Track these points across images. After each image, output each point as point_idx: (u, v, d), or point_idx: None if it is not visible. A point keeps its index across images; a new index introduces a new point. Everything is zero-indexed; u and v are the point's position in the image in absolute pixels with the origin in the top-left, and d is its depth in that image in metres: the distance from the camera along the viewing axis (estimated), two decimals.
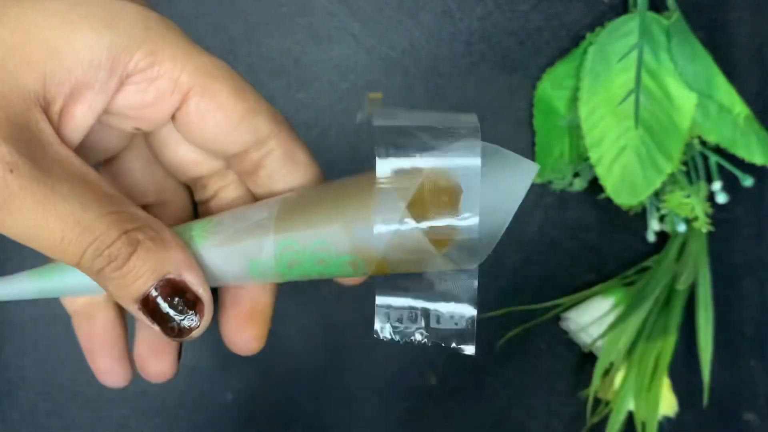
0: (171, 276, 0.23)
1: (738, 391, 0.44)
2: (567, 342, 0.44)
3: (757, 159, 0.40)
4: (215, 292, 0.27)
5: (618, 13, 0.43)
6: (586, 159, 0.41)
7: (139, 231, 0.23)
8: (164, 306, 0.23)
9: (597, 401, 0.43)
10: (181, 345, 0.29)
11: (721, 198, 0.42)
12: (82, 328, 0.29)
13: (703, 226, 0.40)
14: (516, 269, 0.44)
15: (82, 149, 0.26)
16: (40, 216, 0.22)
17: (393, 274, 0.25)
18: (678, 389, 0.43)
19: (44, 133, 0.23)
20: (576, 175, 0.43)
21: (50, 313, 0.42)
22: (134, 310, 0.24)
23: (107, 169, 0.29)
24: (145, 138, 0.28)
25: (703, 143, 0.41)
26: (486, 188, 0.24)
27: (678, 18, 0.40)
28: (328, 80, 0.43)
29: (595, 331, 0.42)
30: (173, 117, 0.26)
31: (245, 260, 0.25)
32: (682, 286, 0.41)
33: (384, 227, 0.23)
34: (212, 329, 0.32)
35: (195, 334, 0.24)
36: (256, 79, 0.42)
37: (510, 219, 0.24)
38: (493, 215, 0.24)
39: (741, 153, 0.40)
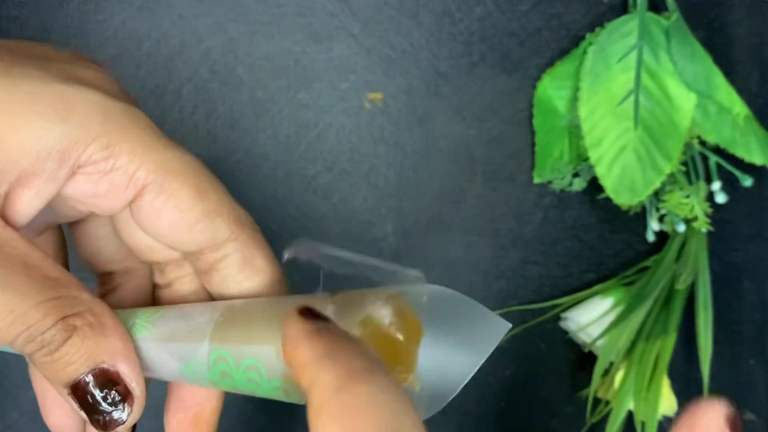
0: (105, 366, 0.23)
1: (737, 391, 0.44)
2: (566, 342, 0.44)
3: (757, 159, 0.40)
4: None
5: (617, 14, 0.43)
6: (586, 159, 0.41)
7: (78, 317, 0.23)
8: (94, 395, 0.23)
9: (597, 401, 0.43)
10: (134, 426, 0.27)
11: (721, 198, 0.42)
12: (35, 378, 0.28)
13: (703, 225, 0.40)
14: (515, 269, 0.44)
15: (38, 214, 0.25)
16: None
17: None
18: (678, 389, 0.43)
19: None
20: (576, 175, 0.43)
21: None
22: (63, 394, 0.23)
23: (73, 231, 0.28)
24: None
25: (703, 143, 0.41)
26: (448, 339, 0.22)
27: (677, 18, 0.40)
28: (328, 80, 0.43)
29: (595, 330, 0.42)
30: (130, 207, 0.25)
31: (180, 361, 0.24)
32: (681, 285, 0.41)
33: None
34: None
35: (122, 429, 0.24)
36: (256, 79, 0.43)
37: (468, 378, 0.22)
38: (450, 369, 0.22)
39: (740, 153, 0.40)
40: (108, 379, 0.23)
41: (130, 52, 0.42)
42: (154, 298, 0.29)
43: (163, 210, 0.25)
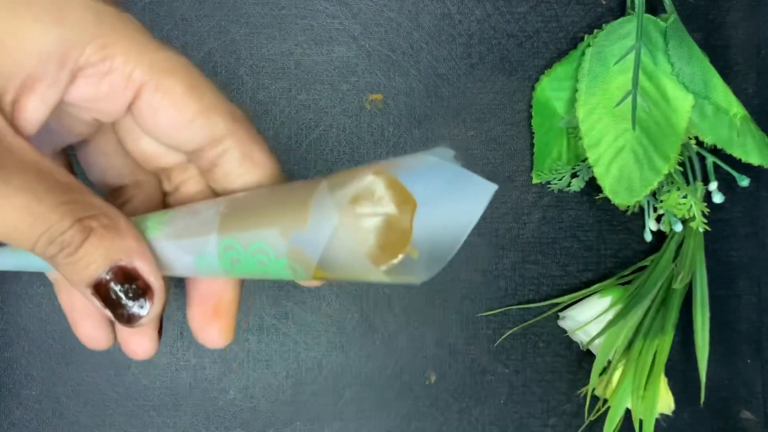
0: (123, 263, 0.24)
1: (734, 389, 0.44)
2: (565, 340, 0.44)
3: (753, 159, 0.40)
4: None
5: (615, 16, 0.43)
6: (584, 159, 0.41)
7: (93, 219, 0.24)
8: (116, 292, 0.24)
9: (595, 399, 0.43)
10: (161, 322, 0.30)
11: (718, 198, 0.42)
12: (62, 295, 0.29)
13: (700, 225, 0.40)
14: (514, 268, 0.44)
15: (45, 134, 0.26)
16: None
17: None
18: (675, 387, 0.43)
19: None
20: (574, 175, 0.43)
21: (55, 313, 0.42)
22: (87, 294, 0.24)
23: (80, 152, 0.29)
24: (111, 126, 0.28)
25: (700, 144, 0.41)
26: (440, 205, 0.23)
27: (675, 20, 0.40)
28: (329, 82, 0.43)
29: (593, 329, 0.42)
30: (130, 110, 0.26)
31: (192, 254, 0.25)
32: (678, 285, 0.41)
33: (316, 234, 0.22)
34: None
35: (145, 320, 0.25)
36: (257, 80, 0.43)
37: (463, 239, 0.23)
38: (444, 233, 0.23)
39: (737, 153, 0.40)
40: (127, 276, 0.24)
41: None
42: (164, 205, 0.30)
43: (160, 108, 0.25)
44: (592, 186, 0.43)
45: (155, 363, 0.42)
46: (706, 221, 0.41)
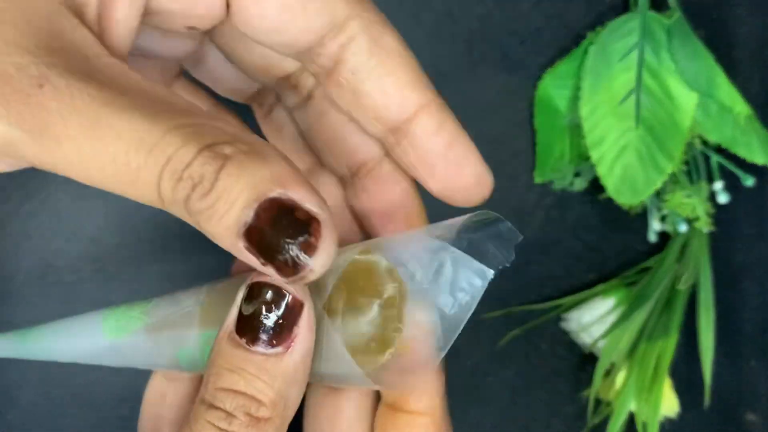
0: (275, 194, 0.17)
1: (739, 392, 0.44)
2: (568, 342, 0.44)
3: (758, 158, 0.40)
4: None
5: (619, 13, 0.43)
6: (587, 159, 0.41)
7: (227, 144, 0.17)
8: (272, 233, 0.17)
9: (598, 402, 0.43)
10: None
11: (723, 198, 0.42)
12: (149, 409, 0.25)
13: (705, 226, 0.40)
14: (516, 269, 0.44)
15: (141, 61, 0.22)
16: (92, 138, 0.17)
17: None
18: (679, 389, 0.43)
19: (85, 41, 0.19)
20: (577, 174, 0.43)
21: (51, 315, 0.42)
22: (239, 248, 0.18)
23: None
24: (214, 41, 0.24)
25: (704, 143, 0.41)
26: (430, 295, 0.20)
27: (679, 17, 0.40)
28: None
29: (596, 331, 0.42)
30: (228, 10, 0.21)
31: (174, 348, 0.24)
32: (683, 286, 0.40)
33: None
34: None
35: (318, 264, 0.18)
36: None
37: (453, 338, 0.21)
38: (441, 326, 0.21)
39: (742, 152, 0.40)
40: (284, 209, 0.17)
41: None
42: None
43: None
44: (596, 186, 0.42)
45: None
46: (710, 221, 0.41)
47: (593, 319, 0.42)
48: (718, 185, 0.42)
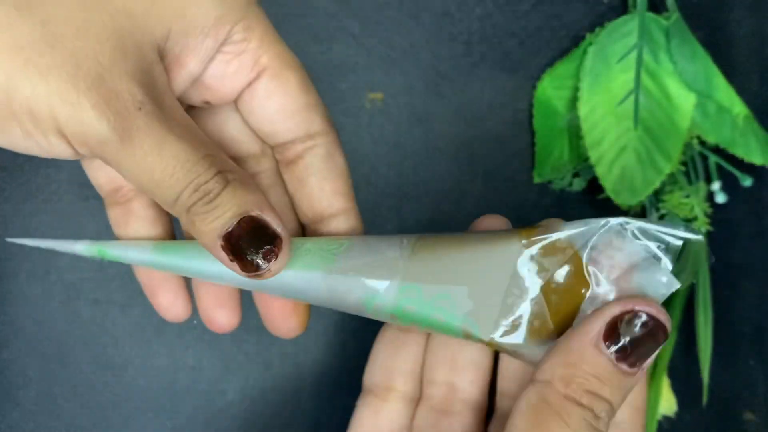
0: (254, 214, 0.25)
1: (737, 391, 0.44)
2: None
3: (756, 159, 0.40)
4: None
5: (617, 14, 0.43)
6: (586, 159, 0.41)
7: (230, 172, 0.25)
8: (245, 240, 0.25)
9: None
10: (240, 296, 0.31)
11: (721, 198, 0.42)
12: (138, 268, 0.30)
13: (703, 226, 0.40)
14: None
15: None
16: (157, 152, 0.24)
17: None
18: (677, 389, 0.43)
19: (162, 80, 0.25)
20: (576, 175, 0.43)
21: (52, 314, 0.42)
22: (216, 246, 0.25)
23: None
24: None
25: (703, 143, 0.41)
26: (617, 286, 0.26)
27: (677, 18, 0.40)
28: (328, 80, 0.43)
29: None
30: (239, 96, 0.28)
31: (366, 294, 0.25)
32: (681, 286, 0.41)
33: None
34: (208, 330, 0.32)
35: (274, 269, 0.25)
36: None
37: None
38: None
39: (740, 153, 0.40)
40: (257, 225, 0.25)
41: None
42: None
43: (275, 93, 0.28)
44: (594, 186, 0.42)
45: (153, 364, 0.42)
46: (708, 221, 0.41)
47: None
48: (716, 185, 0.42)
